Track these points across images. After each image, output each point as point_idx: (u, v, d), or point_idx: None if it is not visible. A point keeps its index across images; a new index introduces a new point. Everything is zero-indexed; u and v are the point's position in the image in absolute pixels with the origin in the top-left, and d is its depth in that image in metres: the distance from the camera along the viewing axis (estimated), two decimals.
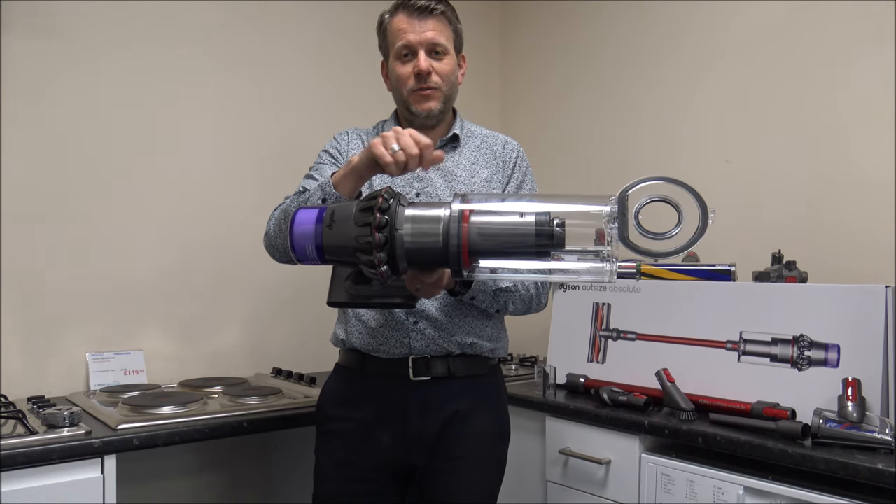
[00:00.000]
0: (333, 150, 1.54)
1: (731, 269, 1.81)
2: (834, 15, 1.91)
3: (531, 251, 1.04)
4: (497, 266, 1.10)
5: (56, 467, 1.40)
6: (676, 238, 1.01)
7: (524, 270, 1.13)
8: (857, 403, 1.43)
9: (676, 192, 1.01)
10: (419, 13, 1.44)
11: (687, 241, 1.02)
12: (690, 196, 1.01)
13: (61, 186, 1.97)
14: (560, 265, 1.06)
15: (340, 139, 1.57)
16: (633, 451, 1.64)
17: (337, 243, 1.10)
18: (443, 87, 1.47)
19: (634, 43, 2.41)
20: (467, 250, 1.04)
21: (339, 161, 1.52)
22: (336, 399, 1.50)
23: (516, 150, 1.57)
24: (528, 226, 1.03)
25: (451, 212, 1.05)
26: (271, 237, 1.43)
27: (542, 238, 1.03)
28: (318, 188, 1.30)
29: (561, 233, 1.03)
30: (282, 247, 1.41)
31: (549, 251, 1.04)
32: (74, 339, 1.98)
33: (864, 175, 1.84)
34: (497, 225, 1.06)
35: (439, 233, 1.06)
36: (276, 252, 1.45)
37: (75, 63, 1.99)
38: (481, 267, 1.08)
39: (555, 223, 1.03)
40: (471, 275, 1.10)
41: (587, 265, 1.05)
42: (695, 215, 1.00)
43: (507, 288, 1.42)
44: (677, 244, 1.01)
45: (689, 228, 1.01)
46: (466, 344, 1.44)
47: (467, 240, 1.04)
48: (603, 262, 1.02)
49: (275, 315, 2.34)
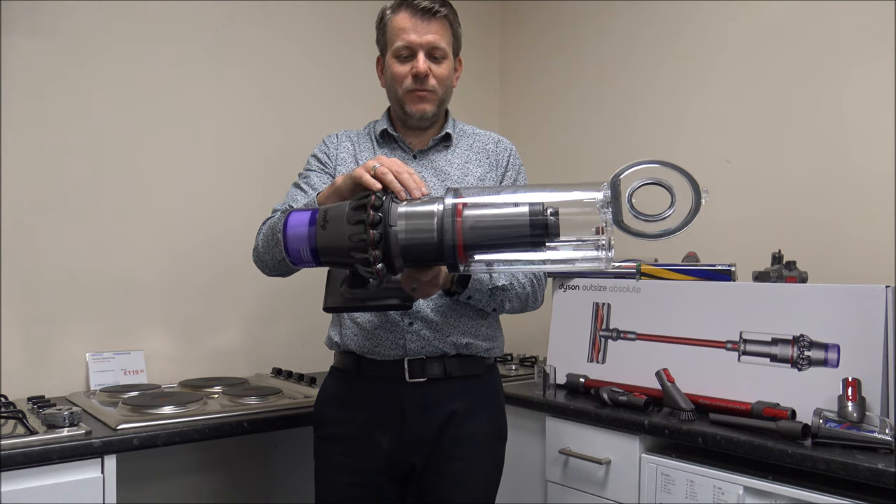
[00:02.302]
0: (322, 154, 1.54)
1: (731, 269, 1.81)
2: (834, 15, 1.91)
3: (526, 242, 1.04)
4: (493, 259, 1.10)
5: (56, 467, 1.40)
6: (671, 219, 1.01)
7: (521, 262, 1.12)
8: (857, 403, 1.43)
9: (668, 175, 1.01)
10: (423, 14, 1.43)
11: (681, 221, 1.02)
12: (682, 177, 1.02)
13: (61, 186, 1.97)
14: (556, 255, 1.06)
15: (329, 142, 1.56)
16: (633, 451, 1.64)
17: (331, 243, 1.09)
18: (439, 91, 1.47)
19: (634, 42, 2.41)
20: (462, 244, 1.04)
21: (327, 166, 1.52)
22: (333, 402, 1.50)
23: (509, 148, 1.57)
24: (522, 216, 1.03)
25: (445, 206, 1.05)
26: (260, 252, 1.43)
27: (537, 228, 1.03)
28: (302, 207, 1.29)
29: (555, 222, 1.03)
30: (271, 262, 1.42)
31: (544, 241, 1.04)
32: (74, 339, 1.98)
33: (865, 175, 1.84)
34: (491, 217, 1.06)
35: (433, 228, 1.05)
36: (265, 267, 1.45)
37: (75, 62, 1.99)
38: (477, 261, 1.08)
39: (548, 213, 1.02)
40: (467, 269, 1.09)
41: (583, 253, 1.05)
42: (688, 197, 1.01)
43: (503, 286, 1.42)
44: (672, 224, 1.02)
45: (682, 210, 1.01)
46: (462, 344, 1.44)
47: (462, 234, 1.04)
48: (599, 250, 1.02)
49: (275, 315, 2.34)
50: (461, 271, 1.08)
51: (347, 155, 1.52)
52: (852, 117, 1.88)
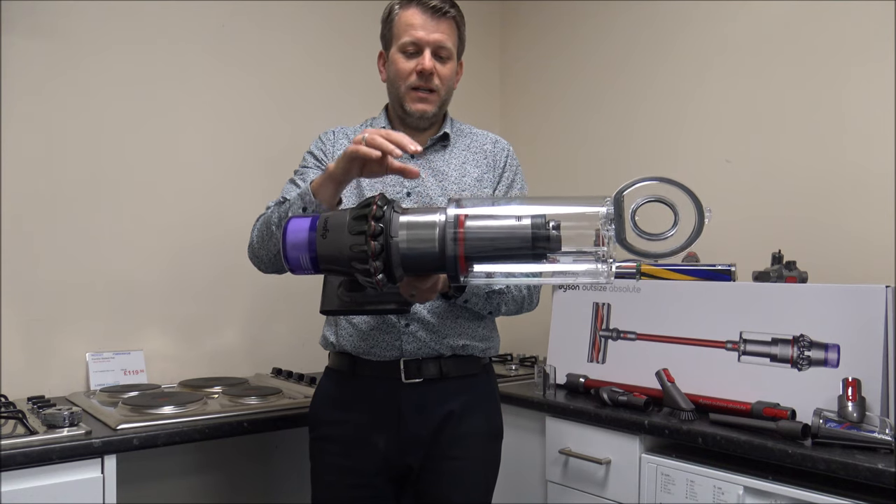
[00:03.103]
0: (318, 151, 1.53)
1: (731, 269, 1.81)
2: (834, 15, 1.91)
3: (528, 254, 1.04)
4: (494, 270, 1.09)
5: (56, 467, 1.39)
6: (673, 238, 1.00)
7: (520, 274, 1.12)
8: (857, 403, 1.43)
9: (672, 192, 1.01)
10: (433, 13, 1.43)
11: (684, 242, 1.01)
12: (686, 196, 1.01)
13: (61, 186, 1.97)
14: (557, 267, 1.06)
15: (326, 139, 1.55)
16: (633, 451, 1.64)
17: (331, 253, 1.09)
18: (441, 91, 1.47)
19: (634, 42, 2.41)
20: (464, 256, 1.04)
21: (322, 163, 1.51)
22: (328, 403, 1.50)
23: (506, 149, 1.57)
24: (524, 229, 1.03)
25: (447, 217, 1.04)
26: (255, 248, 1.42)
27: (539, 241, 1.02)
28: (297, 197, 1.29)
29: (557, 235, 1.02)
30: (266, 258, 1.40)
31: (545, 254, 1.04)
32: (74, 339, 1.98)
33: (865, 175, 1.84)
34: (493, 229, 1.05)
35: (435, 239, 1.05)
36: (260, 263, 1.44)
37: (75, 62, 1.99)
38: (478, 272, 1.08)
39: (550, 226, 1.02)
40: (467, 280, 1.09)
41: (584, 266, 1.05)
42: (691, 215, 1.00)
43: (499, 290, 1.42)
44: (674, 244, 1.01)
45: (685, 228, 1.01)
46: (458, 346, 1.44)
47: (463, 245, 1.03)
48: (599, 263, 1.02)
49: (274, 315, 2.34)
50: (462, 282, 1.08)
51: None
52: (852, 117, 1.88)
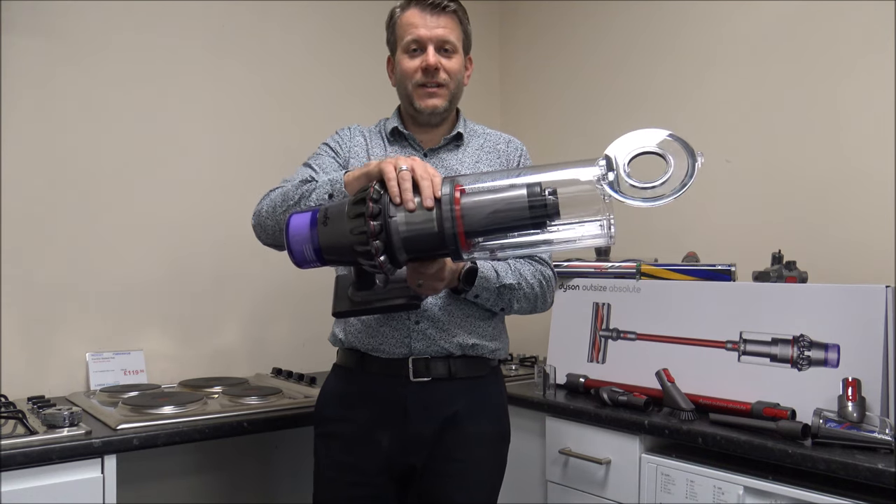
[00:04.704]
0: (335, 144, 1.54)
1: (731, 269, 1.81)
2: (834, 15, 1.91)
3: (527, 223, 1.04)
4: (496, 245, 1.10)
5: (56, 467, 1.40)
6: (668, 184, 1.03)
7: (525, 245, 1.12)
8: (857, 403, 1.43)
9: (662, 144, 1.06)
10: (432, 9, 1.43)
11: (679, 183, 1.03)
12: (676, 143, 1.03)
13: (61, 185, 1.97)
14: (558, 235, 1.07)
15: (343, 134, 1.56)
16: (633, 451, 1.64)
17: (333, 240, 1.10)
18: (450, 85, 1.46)
19: (633, 41, 2.41)
20: (463, 231, 1.05)
21: (339, 156, 1.51)
22: (334, 400, 1.49)
23: (520, 148, 1.58)
24: (521, 198, 1.04)
25: (443, 194, 1.06)
26: (262, 217, 1.40)
27: (536, 209, 1.03)
28: (328, 182, 1.29)
29: (554, 201, 1.03)
30: (272, 229, 1.39)
31: (545, 222, 1.04)
32: (74, 339, 1.98)
33: (865, 175, 1.84)
34: (489, 202, 1.06)
35: (433, 217, 1.06)
36: (262, 232, 1.42)
37: (75, 61, 1.99)
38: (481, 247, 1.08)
39: (547, 192, 1.02)
40: (471, 257, 1.10)
41: (585, 229, 1.06)
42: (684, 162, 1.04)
43: (510, 285, 1.41)
44: (670, 188, 1.03)
45: (678, 175, 1.04)
46: (468, 345, 1.43)
47: (461, 219, 1.04)
48: (601, 223, 1.03)
49: (275, 315, 2.34)
50: (465, 259, 1.08)
51: (360, 149, 1.52)
52: (852, 117, 1.87)
